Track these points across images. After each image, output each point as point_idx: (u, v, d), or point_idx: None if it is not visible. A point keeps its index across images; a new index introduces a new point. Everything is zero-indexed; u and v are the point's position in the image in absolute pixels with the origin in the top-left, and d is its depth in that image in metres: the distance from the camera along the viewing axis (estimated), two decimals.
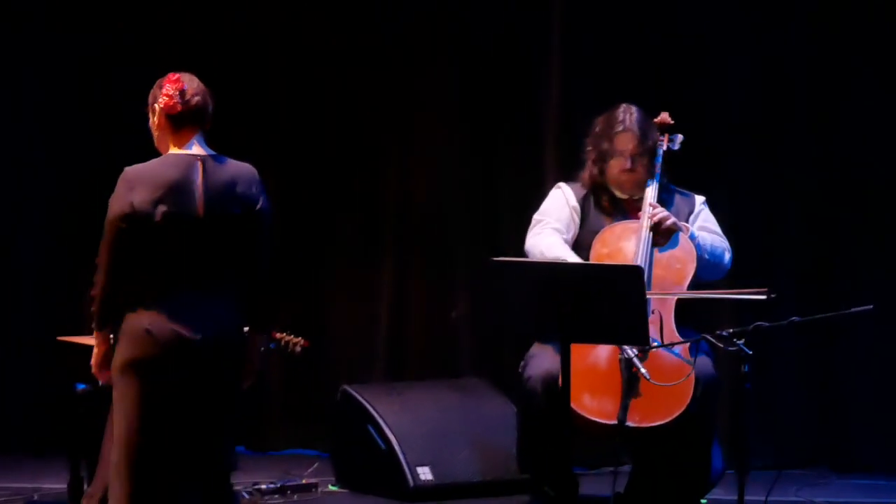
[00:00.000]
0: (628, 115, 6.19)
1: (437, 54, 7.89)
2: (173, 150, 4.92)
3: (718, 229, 6.26)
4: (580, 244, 6.17)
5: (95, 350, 4.89)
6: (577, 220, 6.24)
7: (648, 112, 6.26)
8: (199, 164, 4.86)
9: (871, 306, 5.49)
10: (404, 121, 7.96)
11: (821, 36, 7.63)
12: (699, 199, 6.29)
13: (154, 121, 4.97)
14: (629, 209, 6.18)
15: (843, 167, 7.62)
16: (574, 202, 6.25)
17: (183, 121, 4.93)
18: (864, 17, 7.57)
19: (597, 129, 6.24)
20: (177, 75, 4.96)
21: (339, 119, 8.00)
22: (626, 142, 6.15)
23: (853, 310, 5.55)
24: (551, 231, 6.20)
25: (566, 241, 6.19)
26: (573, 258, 6.05)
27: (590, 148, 6.25)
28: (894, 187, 7.55)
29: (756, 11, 7.65)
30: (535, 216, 6.31)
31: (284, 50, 8.00)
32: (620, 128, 6.16)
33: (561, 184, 6.35)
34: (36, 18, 7.98)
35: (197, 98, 4.93)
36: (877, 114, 7.57)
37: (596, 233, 6.15)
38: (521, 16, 7.77)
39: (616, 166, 6.16)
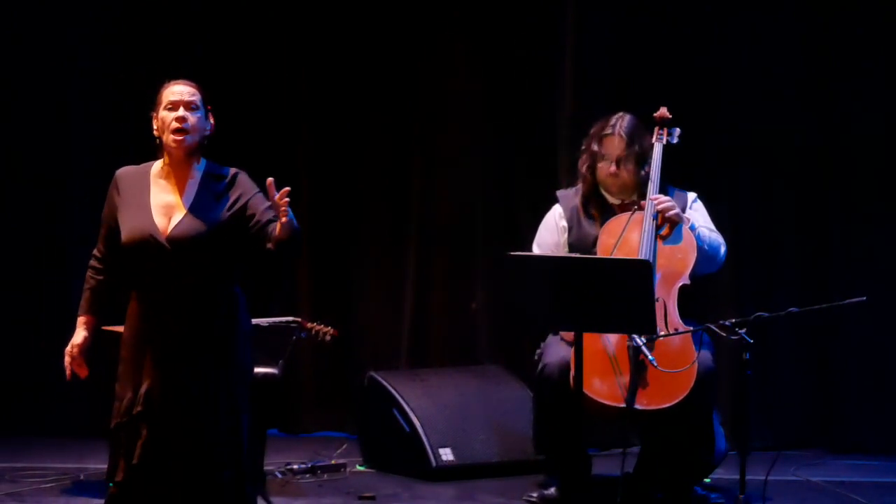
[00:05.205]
0: (620, 120, 6.26)
1: (463, 64, 7.97)
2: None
3: (712, 224, 6.29)
4: (574, 249, 6.24)
5: None
6: (567, 232, 6.31)
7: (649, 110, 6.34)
8: None
9: (864, 298, 5.58)
10: (430, 126, 8.00)
11: (819, 31, 7.70)
12: (691, 196, 6.32)
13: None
14: (620, 213, 6.21)
15: (839, 159, 7.67)
16: (563, 221, 6.32)
17: None
18: (864, 17, 7.66)
19: (591, 132, 6.31)
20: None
21: (370, 123, 8.08)
22: (612, 145, 6.22)
23: (847, 301, 5.66)
24: None
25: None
26: None
27: (584, 149, 6.33)
28: (888, 182, 7.63)
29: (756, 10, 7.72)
30: (535, 244, 6.43)
31: (317, 56, 8.03)
32: (609, 131, 6.24)
33: (557, 202, 6.38)
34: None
35: None
36: (875, 105, 7.64)
37: (586, 239, 6.22)
38: (537, 34, 7.87)
39: (603, 169, 6.24)
